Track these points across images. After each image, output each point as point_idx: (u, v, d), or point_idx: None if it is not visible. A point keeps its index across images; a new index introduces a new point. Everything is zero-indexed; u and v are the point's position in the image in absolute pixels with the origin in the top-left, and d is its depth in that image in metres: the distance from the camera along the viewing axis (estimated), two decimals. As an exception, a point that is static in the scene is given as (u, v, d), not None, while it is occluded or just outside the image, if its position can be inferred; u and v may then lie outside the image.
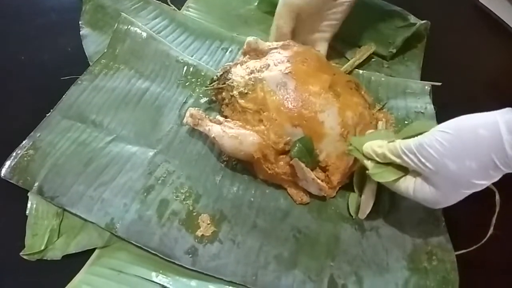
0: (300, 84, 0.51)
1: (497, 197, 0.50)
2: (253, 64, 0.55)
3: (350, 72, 0.64)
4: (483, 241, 0.48)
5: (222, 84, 0.55)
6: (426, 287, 0.47)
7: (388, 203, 0.52)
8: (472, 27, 0.75)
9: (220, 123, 0.53)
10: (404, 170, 0.44)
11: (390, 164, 0.45)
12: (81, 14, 0.67)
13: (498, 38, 0.73)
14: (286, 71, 0.52)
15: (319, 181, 0.49)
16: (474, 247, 0.48)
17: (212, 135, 0.51)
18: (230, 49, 0.66)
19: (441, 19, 0.70)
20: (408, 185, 0.44)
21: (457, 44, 0.71)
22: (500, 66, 0.72)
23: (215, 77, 0.57)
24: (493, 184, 0.51)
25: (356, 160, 0.51)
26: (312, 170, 0.50)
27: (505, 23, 0.73)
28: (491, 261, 0.49)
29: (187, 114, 0.54)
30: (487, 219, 0.49)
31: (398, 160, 0.44)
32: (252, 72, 0.54)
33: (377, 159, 0.46)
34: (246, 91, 0.52)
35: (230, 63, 0.58)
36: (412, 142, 0.42)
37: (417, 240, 0.50)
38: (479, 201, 0.52)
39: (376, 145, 0.46)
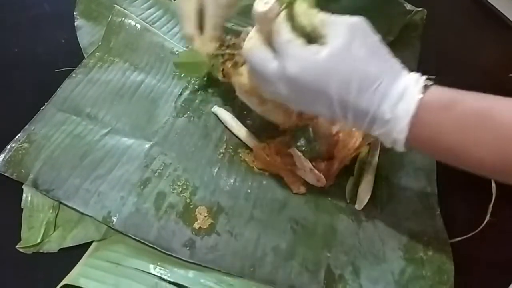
0: None
1: (493, 184, 0.50)
2: None
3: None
4: (479, 228, 0.49)
5: (226, 49, 0.53)
6: (422, 276, 0.47)
7: (385, 194, 0.53)
8: (467, 17, 0.75)
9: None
10: None
11: None
12: (75, 5, 0.66)
13: (493, 28, 0.73)
14: None
15: (316, 171, 0.49)
16: (471, 234, 0.49)
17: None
18: (225, 40, 0.65)
19: (436, 9, 0.69)
20: None
21: (452, 34, 0.71)
22: (496, 57, 0.72)
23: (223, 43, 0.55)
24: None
25: (362, 143, 0.51)
26: (311, 160, 0.50)
27: (501, 13, 0.73)
28: (487, 249, 0.50)
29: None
30: (483, 208, 0.50)
31: None
32: None
33: None
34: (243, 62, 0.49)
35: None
36: None
37: (413, 230, 0.50)
38: (474, 189, 0.52)
39: None
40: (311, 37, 0.37)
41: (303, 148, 0.48)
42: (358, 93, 0.35)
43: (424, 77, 0.37)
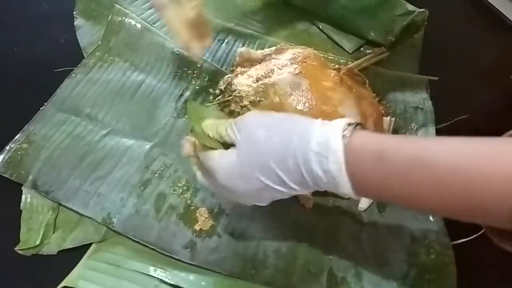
0: (313, 81, 0.51)
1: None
2: (255, 72, 0.54)
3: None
4: (482, 230, 0.48)
5: (229, 96, 0.54)
6: (424, 280, 0.47)
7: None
8: (468, 17, 0.75)
9: None
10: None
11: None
12: (75, 4, 0.65)
13: (494, 29, 0.73)
14: (296, 72, 0.51)
15: None
16: (474, 236, 0.49)
17: None
18: (226, 40, 0.65)
19: (436, 9, 0.69)
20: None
21: (453, 34, 0.71)
22: (496, 57, 0.72)
23: (217, 91, 0.56)
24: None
25: None
26: None
27: (501, 13, 0.72)
28: (490, 252, 0.49)
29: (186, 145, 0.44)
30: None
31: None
32: (258, 79, 0.52)
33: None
34: (258, 99, 0.51)
35: (230, 75, 0.56)
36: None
37: (415, 234, 0.50)
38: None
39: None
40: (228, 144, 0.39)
41: None
42: (283, 171, 0.35)
43: (344, 123, 0.34)
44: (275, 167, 0.35)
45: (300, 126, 0.36)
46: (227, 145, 0.39)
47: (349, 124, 0.34)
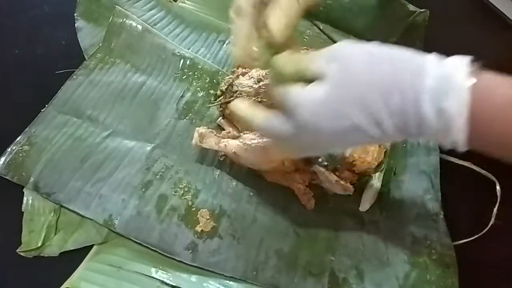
0: None
1: (498, 187, 0.50)
2: (256, 73, 0.54)
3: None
4: (484, 231, 0.49)
5: (230, 97, 0.53)
6: (426, 281, 0.47)
7: (388, 197, 0.52)
8: (468, 17, 0.75)
9: (236, 137, 0.51)
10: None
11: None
12: (76, 6, 0.65)
13: (495, 29, 0.73)
14: None
15: (342, 182, 0.48)
16: (476, 236, 0.49)
17: (232, 151, 0.49)
18: (227, 41, 0.65)
19: (436, 9, 0.69)
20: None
21: (453, 35, 0.71)
22: (498, 57, 0.72)
23: (219, 92, 0.55)
24: (493, 174, 0.52)
25: (380, 152, 0.49)
26: (334, 170, 0.48)
27: (502, 13, 0.72)
28: (492, 252, 0.50)
29: (195, 134, 0.51)
30: (488, 210, 0.50)
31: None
32: (259, 80, 0.52)
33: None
34: (259, 100, 0.50)
35: (231, 76, 0.56)
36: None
37: (416, 234, 0.50)
38: (479, 192, 0.52)
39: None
40: (309, 79, 0.34)
41: (325, 163, 0.47)
42: (384, 109, 0.30)
43: (468, 59, 0.30)
44: (374, 103, 0.30)
45: (411, 58, 0.31)
46: (305, 81, 0.34)
47: (473, 61, 0.30)
